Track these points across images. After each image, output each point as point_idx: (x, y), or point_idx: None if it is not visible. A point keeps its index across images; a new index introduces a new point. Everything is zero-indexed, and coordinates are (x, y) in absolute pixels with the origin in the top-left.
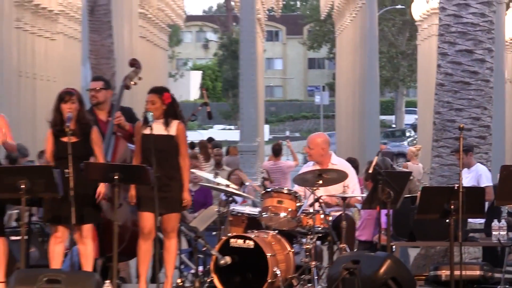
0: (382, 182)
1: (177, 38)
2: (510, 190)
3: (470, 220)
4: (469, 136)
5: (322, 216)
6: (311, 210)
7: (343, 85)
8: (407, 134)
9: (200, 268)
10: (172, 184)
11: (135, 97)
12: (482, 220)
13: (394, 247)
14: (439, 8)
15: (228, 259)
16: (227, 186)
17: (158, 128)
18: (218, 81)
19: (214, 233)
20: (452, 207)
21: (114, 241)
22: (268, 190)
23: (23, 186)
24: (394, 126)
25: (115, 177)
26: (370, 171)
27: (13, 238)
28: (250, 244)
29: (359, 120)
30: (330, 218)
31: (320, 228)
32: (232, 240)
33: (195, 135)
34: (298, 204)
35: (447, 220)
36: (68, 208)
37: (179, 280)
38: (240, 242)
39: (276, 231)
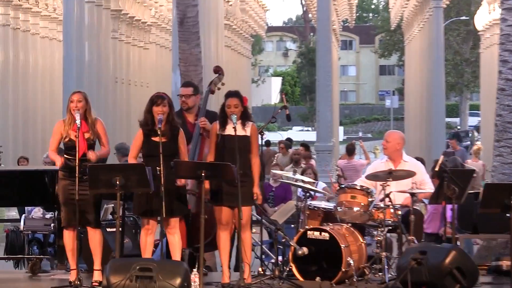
0: (448, 179)
1: (259, 47)
2: None
3: None
4: None
5: (392, 210)
6: (381, 204)
7: (412, 90)
8: (470, 135)
9: (280, 258)
10: (245, 180)
11: (221, 101)
12: None
13: (458, 239)
14: (500, 19)
15: (305, 249)
16: (304, 182)
17: (237, 129)
18: (297, 86)
19: (292, 225)
20: None
21: (200, 233)
22: (342, 186)
23: (118, 182)
24: (458, 127)
25: (202, 174)
26: (437, 169)
27: (109, 229)
28: (325, 236)
29: (426, 122)
30: (399, 212)
31: (390, 222)
32: (309, 232)
33: (275, 136)
34: (370, 199)
35: (508, 214)
36: (158, 202)
37: (260, 269)
38: (316, 234)
39: (350, 224)
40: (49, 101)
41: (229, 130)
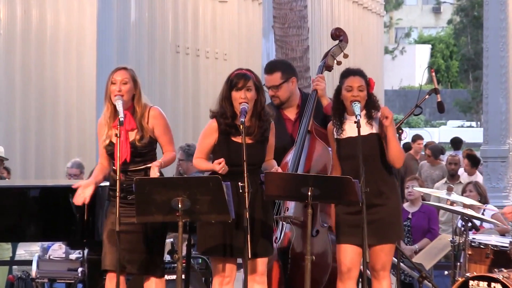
0: None
1: (396, 0)
2: None
3: None
4: None
5: None
6: None
7: None
8: None
9: None
10: (381, 204)
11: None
12: None
13: None
14: None
15: None
16: (464, 205)
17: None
18: (454, 59)
19: (446, 272)
20: None
21: (306, 281)
22: None
23: (181, 205)
24: None
25: (308, 194)
26: None
27: (167, 277)
28: None
29: None
30: None
31: None
32: (472, 283)
33: (422, 134)
34: None
35: None
36: (239, 236)
37: None
38: (483, 285)
39: None
40: (76, 82)
41: (349, 130)
